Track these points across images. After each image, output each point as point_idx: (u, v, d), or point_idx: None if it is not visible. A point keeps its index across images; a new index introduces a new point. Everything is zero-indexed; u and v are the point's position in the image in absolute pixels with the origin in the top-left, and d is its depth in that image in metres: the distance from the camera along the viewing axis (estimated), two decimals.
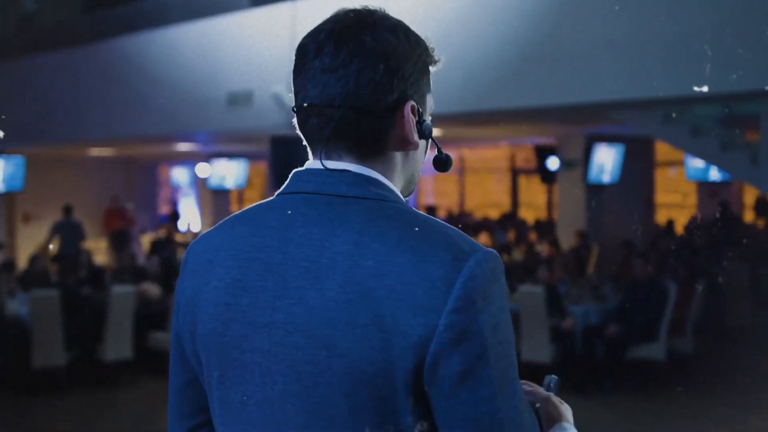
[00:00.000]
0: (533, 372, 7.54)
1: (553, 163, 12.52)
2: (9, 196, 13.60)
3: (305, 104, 1.20)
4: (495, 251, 1.13)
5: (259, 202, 1.24)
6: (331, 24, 1.21)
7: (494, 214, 17.52)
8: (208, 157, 14.86)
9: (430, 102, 1.28)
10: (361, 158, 1.20)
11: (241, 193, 17.68)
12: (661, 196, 15.84)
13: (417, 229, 1.12)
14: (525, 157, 17.31)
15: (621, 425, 6.75)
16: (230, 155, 14.27)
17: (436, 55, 1.28)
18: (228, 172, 14.48)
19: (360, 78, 1.17)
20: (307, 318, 1.11)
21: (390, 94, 1.19)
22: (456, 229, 1.15)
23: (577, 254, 10.22)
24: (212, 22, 9.83)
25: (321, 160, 1.20)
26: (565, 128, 11.79)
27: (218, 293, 1.18)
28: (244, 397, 1.16)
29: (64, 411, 7.43)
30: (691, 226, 13.59)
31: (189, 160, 17.56)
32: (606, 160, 11.88)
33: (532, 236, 13.61)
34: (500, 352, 1.09)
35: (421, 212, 1.18)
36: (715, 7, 6.56)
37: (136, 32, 11.08)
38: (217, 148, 14.33)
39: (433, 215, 15.13)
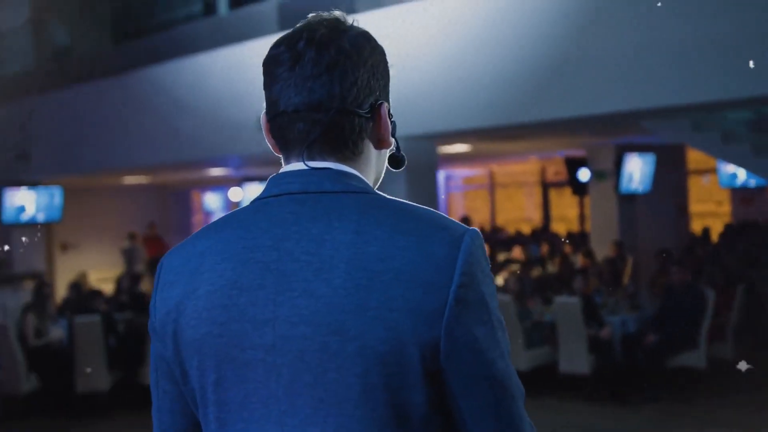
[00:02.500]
0: (573, 383, 7.51)
1: (583, 174, 12.48)
2: (47, 226, 13.83)
3: (290, 110, 1.23)
4: (477, 229, 1.20)
5: (237, 209, 1.26)
6: (308, 32, 1.25)
7: (526, 228, 17.46)
8: (240, 181, 15.01)
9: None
10: (342, 157, 1.25)
11: None
12: (694, 205, 15.71)
13: (410, 214, 1.19)
14: (555, 170, 17.27)
15: None
16: (261, 179, 14.39)
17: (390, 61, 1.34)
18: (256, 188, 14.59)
19: (344, 82, 1.22)
20: (314, 308, 1.14)
21: (369, 96, 1.25)
22: (439, 212, 1.22)
23: (613, 264, 10.17)
24: (240, 47, 9.96)
25: (303, 161, 1.24)
26: (594, 139, 11.76)
27: (212, 297, 1.19)
28: (246, 396, 1.17)
29: None
30: (728, 231, 13.46)
31: (221, 184, 17.73)
32: (637, 170, 11.83)
33: (567, 248, 13.56)
34: (499, 317, 1.19)
35: (404, 200, 1.23)
36: (742, 10, 6.55)
37: (165, 61, 11.27)
38: (248, 171, 14.47)
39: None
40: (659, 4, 6.54)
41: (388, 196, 1.24)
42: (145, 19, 12.84)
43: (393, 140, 1.32)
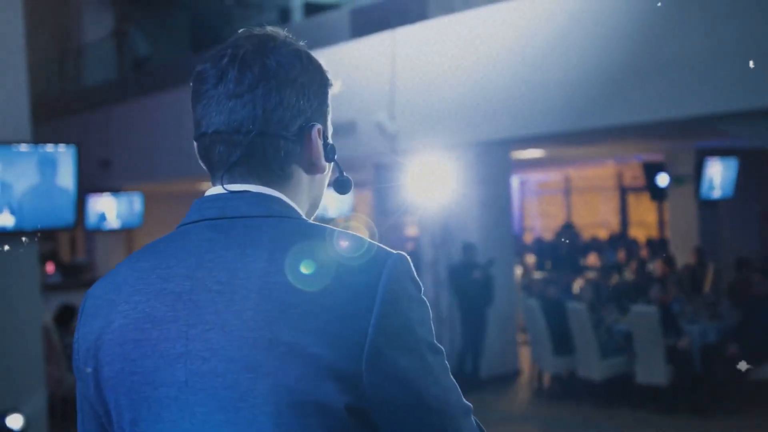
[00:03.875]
0: (650, 394, 7.34)
1: (662, 179, 12.19)
2: (129, 232, 14.21)
3: (210, 131, 1.16)
4: (403, 252, 1.12)
5: (161, 237, 1.19)
6: (233, 48, 1.17)
7: (603, 233, 17.17)
8: None
9: (330, 125, 1.25)
10: (267, 181, 1.17)
11: (347, 221, 17.93)
12: None
13: (328, 240, 1.10)
14: (633, 175, 16.93)
15: None
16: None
17: (332, 78, 1.25)
18: (332, 202, 14.72)
19: (267, 103, 1.14)
20: (225, 342, 1.06)
21: (297, 118, 1.17)
22: (362, 236, 1.12)
23: (693, 272, 9.90)
24: (314, 54, 10.07)
25: (222, 184, 1.16)
26: (673, 143, 11.48)
27: (124, 331, 1.12)
28: None
29: None
30: None
31: None
32: (718, 175, 11.49)
33: (644, 254, 13.27)
34: (430, 342, 1.10)
35: (326, 226, 1.15)
36: None
37: None
38: None
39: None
40: (733, 5, 6.35)
41: (312, 223, 1.17)
42: (221, 27, 13.08)
43: (328, 164, 1.23)
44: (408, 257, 1.12)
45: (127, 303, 1.14)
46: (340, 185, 1.27)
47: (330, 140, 1.24)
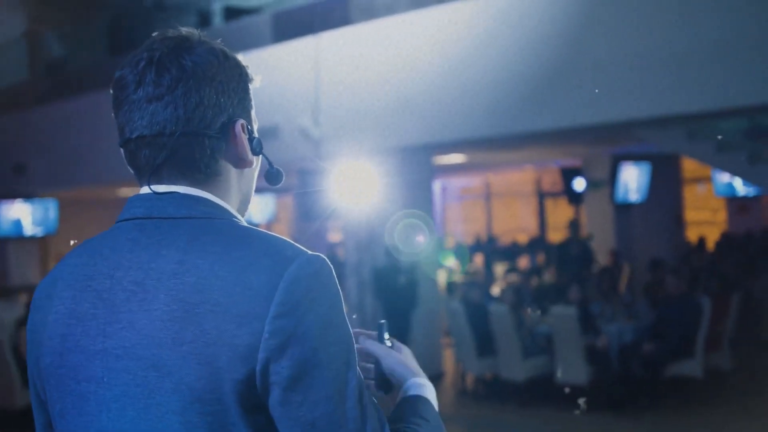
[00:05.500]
0: (570, 393, 7.52)
1: (579, 184, 12.50)
2: (43, 239, 13.80)
3: (134, 136, 1.17)
4: (321, 255, 1.11)
5: (99, 233, 1.22)
6: (148, 52, 1.18)
7: (522, 238, 17.47)
8: None
9: (255, 118, 1.27)
10: (194, 181, 1.18)
11: (269, 228, 17.79)
12: (690, 214, 15.73)
13: (241, 241, 1.11)
14: (551, 180, 17.30)
15: None
16: (257, 190, 14.36)
17: (252, 73, 1.26)
18: (255, 207, 14.62)
19: (188, 103, 1.15)
20: (135, 340, 1.09)
21: (219, 115, 1.18)
22: (284, 238, 1.13)
23: (609, 273, 10.17)
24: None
25: (149, 185, 1.18)
26: (590, 149, 11.79)
27: (55, 326, 1.17)
28: (84, 429, 1.14)
29: None
30: (723, 240, 13.47)
31: None
32: (633, 179, 11.85)
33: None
34: (333, 353, 1.07)
35: (251, 227, 1.16)
36: (737, 19, 6.58)
37: None
38: None
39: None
40: (653, 14, 6.56)
41: (236, 223, 1.18)
42: (140, 30, 12.84)
43: (255, 158, 1.25)
44: (325, 258, 1.11)
45: (58, 298, 1.18)
46: (272, 177, 1.29)
47: (255, 134, 1.25)
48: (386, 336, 1.39)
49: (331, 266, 1.12)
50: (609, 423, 7.32)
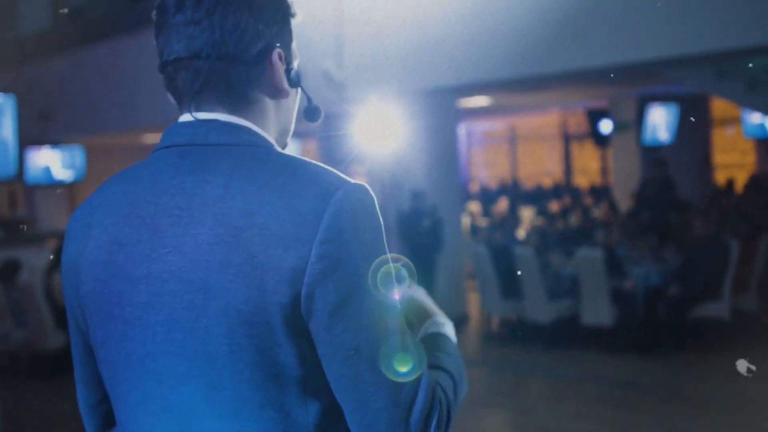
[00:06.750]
0: (595, 335, 7.52)
1: (605, 126, 12.36)
2: (70, 187, 13.93)
3: (171, 59, 1.18)
4: (365, 184, 1.12)
5: (136, 162, 1.23)
6: None
7: (547, 182, 17.38)
8: None
9: (296, 52, 1.27)
10: (233, 109, 1.19)
11: None
12: (719, 156, 15.54)
13: (286, 168, 1.12)
14: (577, 123, 17.12)
15: (685, 384, 6.69)
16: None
17: (294, 9, 1.26)
18: None
19: (225, 27, 1.16)
20: (181, 264, 1.10)
21: (256, 41, 1.18)
22: (327, 167, 1.14)
23: (636, 217, 10.09)
24: None
25: (191, 112, 1.19)
26: (616, 90, 11.61)
27: (97, 253, 1.17)
28: (127, 354, 1.15)
29: None
30: (752, 182, 13.30)
31: None
32: (660, 121, 11.69)
33: (587, 201, 13.48)
34: (373, 280, 1.09)
35: (293, 155, 1.16)
36: None
37: None
38: None
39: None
40: None
41: (281, 152, 1.18)
42: None
43: (293, 91, 1.25)
44: (368, 188, 1.13)
45: (99, 226, 1.18)
46: (310, 113, 1.30)
47: (294, 66, 1.25)
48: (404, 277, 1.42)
49: (374, 195, 1.13)
50: (634, 365, 7.34)
